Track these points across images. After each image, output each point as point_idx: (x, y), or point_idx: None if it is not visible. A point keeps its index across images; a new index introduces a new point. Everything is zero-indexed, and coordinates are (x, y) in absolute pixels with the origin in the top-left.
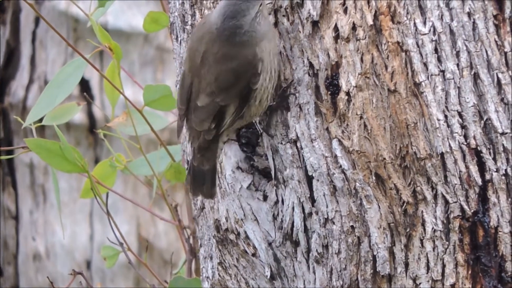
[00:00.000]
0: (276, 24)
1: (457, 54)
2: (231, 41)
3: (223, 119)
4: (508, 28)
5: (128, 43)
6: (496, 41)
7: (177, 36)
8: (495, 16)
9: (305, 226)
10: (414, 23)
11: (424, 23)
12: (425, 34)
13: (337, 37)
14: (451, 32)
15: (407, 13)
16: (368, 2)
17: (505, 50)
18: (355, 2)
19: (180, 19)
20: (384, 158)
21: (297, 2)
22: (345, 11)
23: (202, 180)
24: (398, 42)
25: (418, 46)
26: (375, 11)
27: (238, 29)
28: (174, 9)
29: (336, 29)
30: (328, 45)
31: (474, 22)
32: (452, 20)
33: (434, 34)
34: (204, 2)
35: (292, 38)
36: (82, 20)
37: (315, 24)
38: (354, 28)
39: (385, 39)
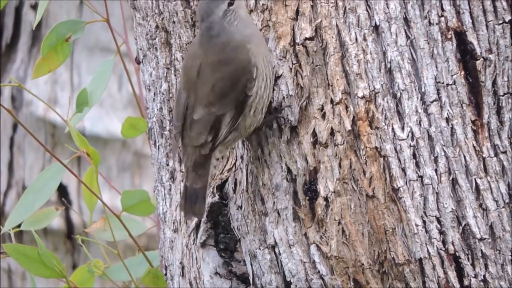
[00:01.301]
0: (254, 129)
1: (435, 160)
2: (219, 47)
3: (219, 130)
4: (487, 134)
5: (105, 148)
6: (474, 147)
7: (155, 141)
8: (473, 122)
9: None
10: (393, 129)
11: (402, 128)
12: (403, 139)
13: (315, 143)
14: (429, 137)
15: (385, 118)
16: (346, 108)
17: (484, 155)
18: (333, 107)
19: (158, 124)
20: (363, 264)
21: (275, 107)
22: (323, 116)
23: (195, 199)
24: (376, 148)
25: (396, 151)
26: (353, 117)
27: (210, 31)
28: (152, 115)
29: (314, 134)
30: (306, 151)
31: (452, 128)
32: (430, 125)
33: (412, 139)
34: None
35: (270, 143)
36: (60, 126)
37: (293, 130)
38: (332, 133)
39: (363, 144)
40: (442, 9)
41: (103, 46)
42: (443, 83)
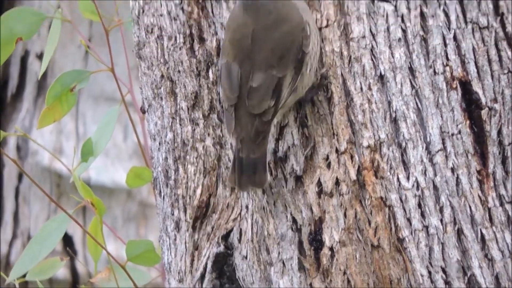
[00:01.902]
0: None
1: (441, 210)
2: (269, 10)
3: (281, 92)
4: (492, 184)
5: (111, 198)
6: (479, 197)
7: (160, 191)
8: (478, 171)
9: None
10: (398, 178)
11: (408, 178)
12: (408, 189)
13: (320, 192)
14: (435, 187)
15: (390, 168)
16: (351, 157)
17: (489, 205)
18: (338, 157)
19: (164, 174)
20: None
21: (280, 157)
22: (328, 166)
23: (253, 169)
24: (381, 197)
25: (401, 201)
26: (359, 166)
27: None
28: (158, 164)
29: (319, 184)
30: (311, 200)
31: (457, 177)
32: (435, 175)
33: (417, 189)
34: (188, 157)
35: (275, 193)
36: (65, 175)
37: (298, 179)
38: (337, 183)
39: (369, 194)
40: (447, 59)
41: (108, 95)
42: (448, 132)
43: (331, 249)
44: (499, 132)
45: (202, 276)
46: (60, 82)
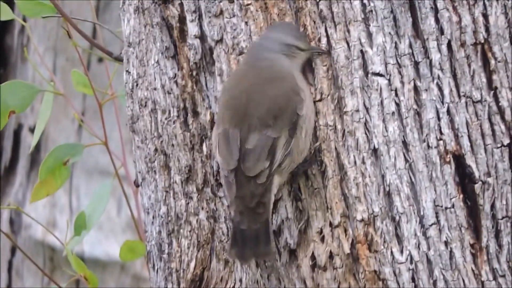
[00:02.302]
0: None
1: (434, 283)
2: (268, 70)
3: (275, 153)
4: (485, 257)
5: (105, 272)
6: (473, 270)
7: (154, 264)
8: (472, 245)
9: None
10: (391, 252)
11: (401, 251)
12: (402, 262)
13: (314, 266)
14: (428, 260)
15: (384, 241)
16: (345, 231)
17: (482, 279)
18: (332, 230)
19: (157, 247)
20: None
21: (274, 230)
22: (322, 239)
23: (255, 240)
24: (375, 271)
25: (395, 274)
26: (352, 240)
27: (260, 62)
28: (151, 238)
29: (313, 257)
30: (305, 274)
31: (451, 251)
32: (429, 248)
33: (411, 263)
34: (181, 231)
35: (269, 267)
36: (59, 249)
37: (292, 253)
38: (331, 256)
39: (362, 267)
40: (441, 132)
41: (102, 169)
42: (441, 206)
43: None
44: (493, 206)
45: None
46: (53, 155)
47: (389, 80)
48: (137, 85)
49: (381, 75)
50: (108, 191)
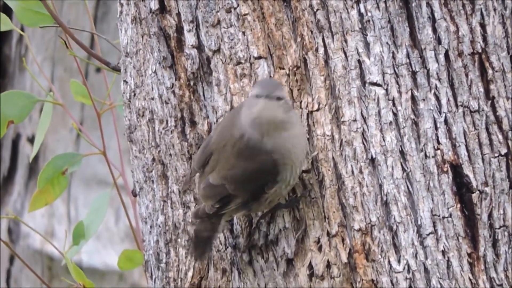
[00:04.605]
0: (250, 261)
1: None
2: (249, 152)
3: (228, 204)
4: (483, 266)
5: (103, 281)
6: (470, 279)
7: (151, 274)
8: (469, 255)
9: None
10: (389, 261)
11: (399, 261)
12: (399, 272)
13: (311, 275)
14: (426, 270)
15: (382, 251)
16: (343, 240)
17: None
18: (329, 240)
19: (155, 257)
20: None
21: (272, 239)
22: (320, 249)
23: (199, 244)
24: (372, 280)
25: (392, 284)
26: (350, 249)
27: (247, 141)
28: (149, 247)
29: (310, 267)
30: (303, 283)
31: (448, 260)
32: (426, 258)
33: (408, 272)
34: (179, 240)
35: (266, 276)
36: (57, 258)
37: (289, 262)
38: (328, 266)
39: (360, 277)
40: (438, 142)
41: (100, 179)
42: (439, 215)
43: None
44: (490, 215)
45: None
46: (52, 165)
47: (386, 90)
48: (134, 95)
49: (378, 85)
50: (106, 201)
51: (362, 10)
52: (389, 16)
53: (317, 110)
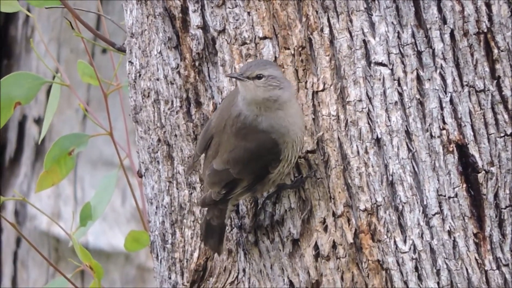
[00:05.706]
0: (256, 242)
1: (438, 273)
2: (248, 129)
3: (234, 188)
4: (489, 246)
5: (109, 262)
6: (476, 259)
7: (157, 255)
8: (475, 235)
9: None
10: (395, 241)
11: (405, 241)
12: (405, 252)
13: (317, 255)
14: (432, 250)
15: (387, 231)
16: (348, 221)
17: (486, 268)
18: (335, 220)
19: (161, 238)
20: None
21: (277, 220)
22: (325, 229)
23: (211, 234)
24: (378, 260)
25: (398, 264)
26: (355, 229)
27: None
28: (155, 228)
29: (316, 247)
30: (309, 264)
31: (454, 240)
32: (432, 238)
33: (414, 252)
34: (184, 221)
35: (272, 257)
36: (64, 240)
37: (295, 243)
38: (334, 246)
39: (365, 257)
40: (444, 122)
41: (107, 159)
42: (445, 196)
43: None
44: (496, 195)
45: None
46: (58, 145)
47: (391, 69)
48: (140, 75)
49: (383, 65)
50: (113, 182)
51: None
52: None
53: (323, 90)
